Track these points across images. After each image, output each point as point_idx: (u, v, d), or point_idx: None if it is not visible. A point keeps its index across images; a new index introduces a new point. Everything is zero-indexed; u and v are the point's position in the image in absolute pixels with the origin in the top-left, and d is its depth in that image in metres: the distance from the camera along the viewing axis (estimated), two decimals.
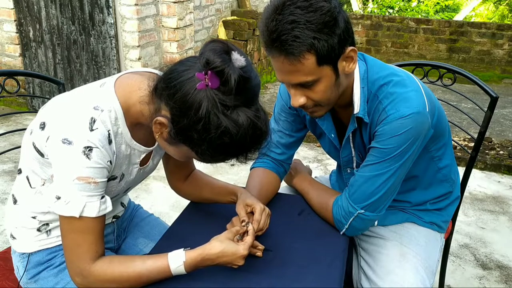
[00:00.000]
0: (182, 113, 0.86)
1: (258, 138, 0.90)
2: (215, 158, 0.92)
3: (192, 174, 1.33)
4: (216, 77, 0.84)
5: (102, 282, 0.95)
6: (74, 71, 4.05)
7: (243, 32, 4.86)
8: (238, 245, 0.98)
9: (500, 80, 6.27)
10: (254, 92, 0.89)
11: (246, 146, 0.90)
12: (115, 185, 1.06)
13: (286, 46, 0.97)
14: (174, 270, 0.96)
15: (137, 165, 1.10)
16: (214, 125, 0.84)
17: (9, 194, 1.16)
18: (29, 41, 4.13)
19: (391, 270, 1.21)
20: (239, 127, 0.85)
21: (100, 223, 0.96)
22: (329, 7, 0.96)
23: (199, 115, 0.84)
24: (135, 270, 0.95)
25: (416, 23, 6.53)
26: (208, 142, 0.87)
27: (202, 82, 0.84)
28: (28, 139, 1.01)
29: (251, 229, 1.04)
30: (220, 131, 0.85)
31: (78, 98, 0.97)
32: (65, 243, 0.96)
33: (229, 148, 0.88)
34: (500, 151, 3.64)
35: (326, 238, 1.19)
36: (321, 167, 3.42)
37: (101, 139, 0.92)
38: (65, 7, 3.85)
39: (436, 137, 1.21)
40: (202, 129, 0.85)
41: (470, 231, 2.61)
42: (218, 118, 0.84)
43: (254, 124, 0.87)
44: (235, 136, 0.85)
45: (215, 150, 0.89)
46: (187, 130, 0.87)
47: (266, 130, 0.91)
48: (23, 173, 1.07)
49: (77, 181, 0.90)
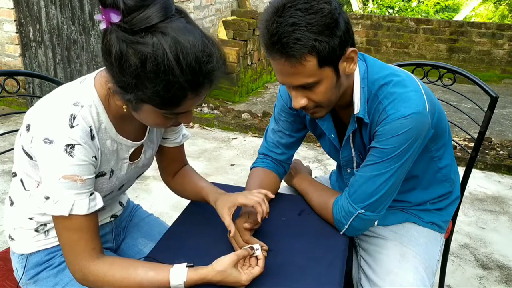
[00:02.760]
0: (111, 65, 0.83)
1: (191, 53, 0.80)
2: (165, 95, 0.83)
3: (181, 170, 1.32)
4: (110, 10, 0.78)
5: (102, 283, 0.94)
6: (74, 71, 4.05)
7: (243, 32, 4.86)
8: (241, 274, 0.96)
9: (500, 80, 6.27)
10: (163, 4, 0.80)
11: (181, 66, 0.80)
12: (105, 182, 1.05)
13: (287, 48, 0.96)
14: (173, 285, 0.94)
15: (127, 160, 1.09)
16: (132, 57, 0.79)
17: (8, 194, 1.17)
18: (29, 41, 4.13)
19: (391, 270, 1.21)
20: (155, 47, 0.78)
21: (92, 220, 0.96)
22: (330, 9, 0.96)
23: (116, 55, 0.80)
24: (136, 278, 0.94)
25: (416, 23, 6.54)
26: (137, 77, 0.81)
27: (104, 22, 0.79)
28: (18, 142, 1.00)
29: (261, 261, 1.00)
30: (139, 60, 0.79)
31: (58, 96, 0.96)
32: (61, 242, 0.96)
33: (162, 74, 0.80)
34: (500, 151, 3.64)
35: (326, 238, 1.19)
36: (321, 167, 3.42)
37: (82, 136, 0.91)
38: (65, 7, 3.85)
39: (436, 137, 1.21)
40: (127, 67, 0.80)
41: (470, 231, 2.61)
42: (132, 48, 0.79)
43: (174, 38, 0.79)
44: (156, 58, 0.79)
45: (153, 84, 0.81)
46: (120, 78, 0.83)
47: (197, 42, 0.81)
48: (17, 176, 1.07)
49: (63, 179, 0.90)
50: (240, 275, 0.96)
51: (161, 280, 0.94)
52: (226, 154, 3.59)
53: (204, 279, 0.94)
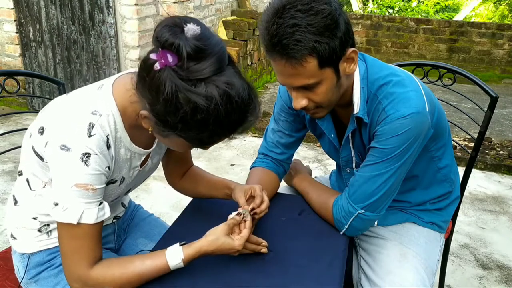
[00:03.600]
0: (154, 99, 0.83)
1: (237, 108, 0.84)
2: (205, 140, 0.88)
3: (189, 170, 1.33)
4: (170, 53, 0.80)
5: (103, 285, 0.95)
6: (74, 71, 4.05)
7: (243, 32, 4.86)
8: (234, 240, 1.00)
9: (500, 80, 6.27)
10: (219, 57, 0.83)
11: (229, 119, 0.84)
12: (115, 189, 1.06)
13: (287, 50, 0.96)
14: (173, 267, 0.97)
15: (138, 168, 1.10)
16: (184, 104, 0.80)
17: (9, 194, 1.16)
18: (29, 41, 4.13)
19: (391, 270, 1.21)
20: (209, 99, 0.80)
21: (98, 228, 0.96)
22: (330, 10, 0.96)
23: (166, 96, 0.80)
24: (134, 270, 0.95)
25: (416, 23, 6.53)
26: (184, 123, 0.83)
27: (158, 62, 0.81)
28: (28, 142, 1.00)
29: (248, 222, 1.04)
30: (190, 108, 0.81)
31: (76, 102, 0.96)
32: (63, 249, 0.95)
33: (211, 125, 0.84)
34: (500, 151, 3.64)
35: (326, 238, 1.19)
36: (321, 167, 3.42)
37: (100, 145, 0.91)
38: (65, 7, 3.85)
39: (436, 137, 1.21)
40: (174, 111, 0.82)
41: (470, 231, 2.61)
42: (185, 95, 0.80)
43: (226, 93, 0.82)
44: (208, 110, 0.81)
45: (198, 131, 0.85)
46: (164, 116, 0.84)
47: (245, 97, 0.85)
48: (23, 175, 1.07)
49: (75, 188, 0.90)
50: (233, 241, 0.99)
51: (159, 265, 0.96)
52: (226, 154, 3.60)
53: (200, 251, 0.97)
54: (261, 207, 1.12)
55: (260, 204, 1.12)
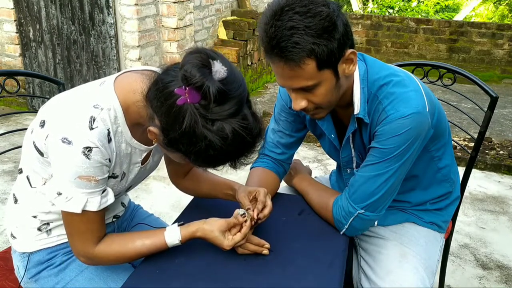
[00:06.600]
0: (168, 125, 0.87)
1: (247, 147, 0.90)
2: (207, 166, 0.94)
3: (192, 170, 1.33)
4: (196, 92, 0.83)
5: (106, 261, 1.05)
6: (74, 71, 4.05)
7: (243, 32, 4.86)
8: (225, 240, 1.03)
9: (500, 80, 6.27)
10: (239, 101, 0.86)
11: (235, 155, 0.91)
12: (116, 184, 1.07)
13: (286, 52, 0.97)
14: (170, 245, 1.04)
15: (139, 164, 1.10)
16: (199, 139, 0.84)
17: (9, 194, 1.16)
18: (29, 41, 4.13)
19: (391, 270, 1.21)
20: (224, 139, 0.85)
21: (102, 213, 1.01)
22: (328, 12, 0.96)
23: (183, 129, 0.84)
24: (135, 249, 1.03)
25: (416, 23, 6.53)
26: (196, 154, 0.87)
27: (182, 98, 0.83)
28: (29, 138, 1.01)
29: (245, 227, 1.05)
30: (204, 144, 0.85)
31: (78, 96, 0.97)
32: (68, 230, 1.01)
33: (218, 159, 0.90)
34: (500, 151, 3.64)
35: (326, 238, 1.20)
36: (321, 167, 3.42)
37: (101, 138, 0.93)
38: (65, 7, 3.85)
39: (436, 137, 1.21)
40: (188, 143, 0.86)
41: (470, 231, 2.61)
42: (201, 132, 0.84)
43: (240, 135, 0.86)
44: (220, 148, 0.85)
45: (205, 161, 0.90)
46: (175, 142, 0.88)
47: (256, 138, 0.91)
48: (23, 172, 1.08)
49: (78, 179, 0.92)
50: (224, 240, 1.03)
51: (158, 244, 1.04)
52: None
53: (194, 234, 1.04)
54: (263, 211, 1.12)
55: (263, 209, 1.12)
